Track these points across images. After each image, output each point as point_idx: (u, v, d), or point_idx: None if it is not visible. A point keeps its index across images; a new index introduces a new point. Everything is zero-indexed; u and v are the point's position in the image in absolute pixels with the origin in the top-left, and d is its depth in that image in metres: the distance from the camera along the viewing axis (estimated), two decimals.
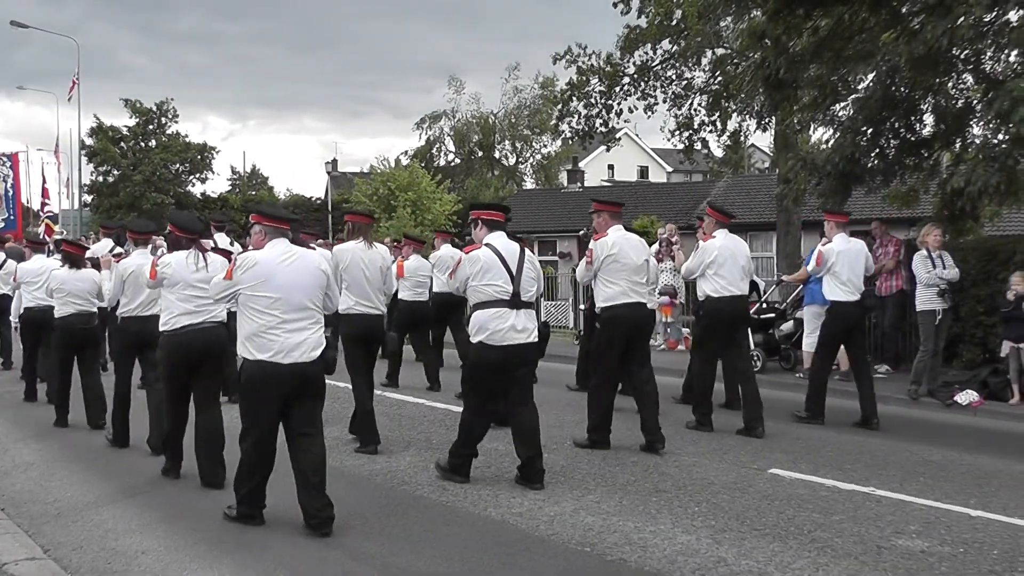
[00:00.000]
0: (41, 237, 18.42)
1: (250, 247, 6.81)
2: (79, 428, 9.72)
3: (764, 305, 14.26)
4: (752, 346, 13.30)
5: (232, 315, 6.91)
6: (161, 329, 7.48)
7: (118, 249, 11.49)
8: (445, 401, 11.13)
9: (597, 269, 8.68)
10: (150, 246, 9.25)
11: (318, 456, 6.35)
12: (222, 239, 13.62)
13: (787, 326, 13.87)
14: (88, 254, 10.48)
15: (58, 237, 17.64)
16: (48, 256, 12.07)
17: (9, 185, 27.56)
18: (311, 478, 6.24)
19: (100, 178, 45.35)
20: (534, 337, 7.39)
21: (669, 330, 16.83)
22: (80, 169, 43.64)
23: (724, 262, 9.54)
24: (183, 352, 7.38)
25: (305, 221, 36.75)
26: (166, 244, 8.85)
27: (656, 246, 17.11)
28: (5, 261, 14.37)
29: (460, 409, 7.89)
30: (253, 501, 6.40)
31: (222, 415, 7.73)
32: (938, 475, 7.80)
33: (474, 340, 7.31)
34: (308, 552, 5.77)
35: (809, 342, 12.81)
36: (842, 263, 10.04)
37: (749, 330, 11.18)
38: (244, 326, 6.19)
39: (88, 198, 45.37)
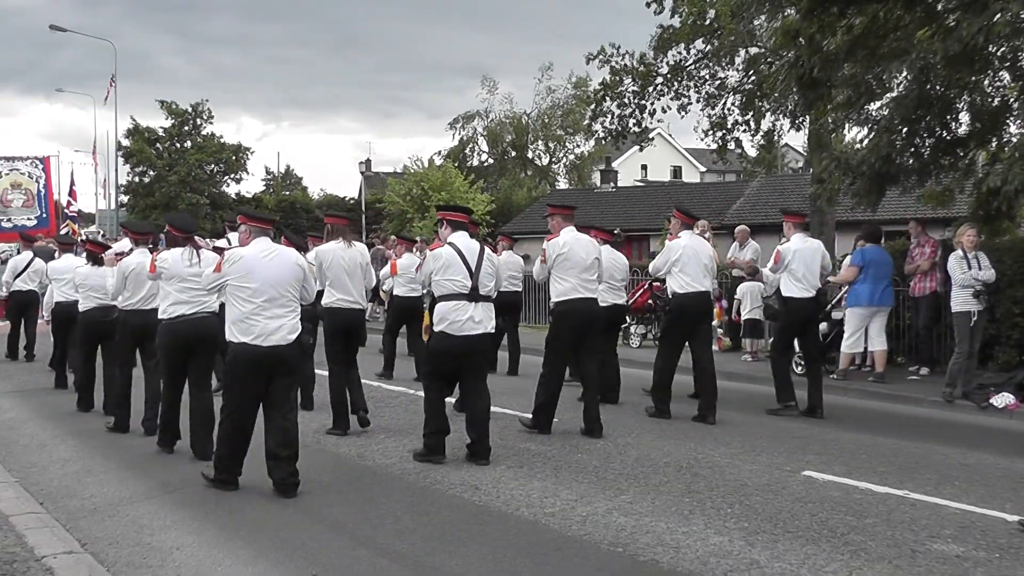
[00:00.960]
0: (71, 237, 18.93)
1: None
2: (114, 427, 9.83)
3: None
4: (796, 348, 13.18)
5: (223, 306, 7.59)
6: (160, 317, 8.33)
7: (118, 247, 11.77)
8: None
9: (550, 267, 9.44)
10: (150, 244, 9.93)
11: (290, 433, 7.19)
12: (235, 238, 13.62)
13: (824, 327, 13.73)
14: (109, 252, 10.93)
15: (83, 237, 18.57)
16: (76, 255, 12.51)
17: (42, 185, 29.54)
18: (281, 452, 7.09)
19: (136, 179, 45.72)
20: (491, 328, 8.19)
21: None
22: (117, 170, 44.28)
23: (688, 261, 10.22)
24: (179, 338, 8.22)
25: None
26: (165, 241, 9.39)
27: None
28: (33, 259, 15.18)
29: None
30: (229, 467, 7.21)
31: (213, 396, 8.40)
32: (973, 479, 7.72)
33: (435, 329, 8.11)
34: (340, 550, 5.80)
35: (849, 343, 12.75)
36: (798, 261, 10.55)
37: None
38: (230, 312, 7.10)
39: (124, 198, 45.82)
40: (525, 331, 14.76)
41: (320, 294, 9.02)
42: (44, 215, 29.31)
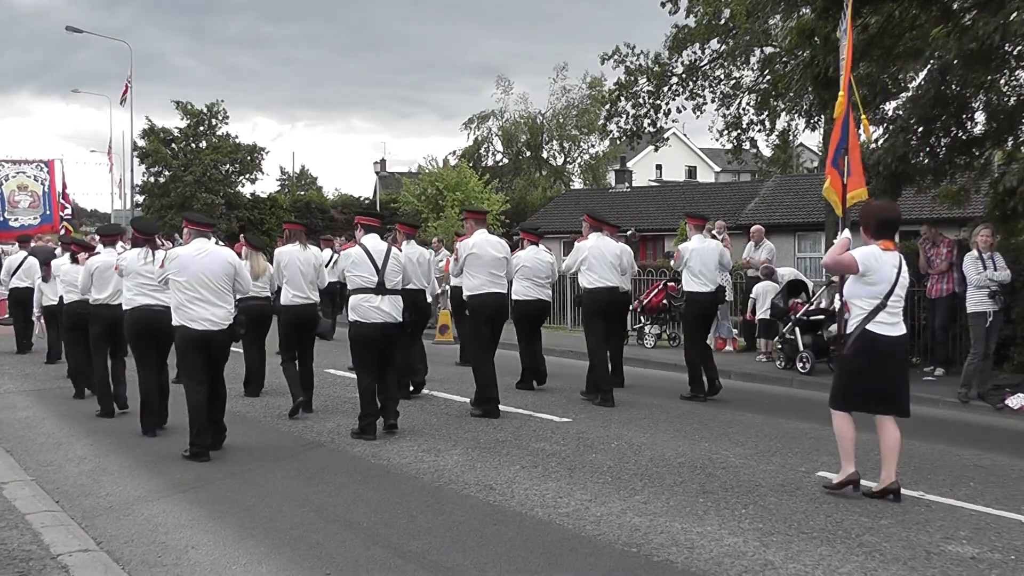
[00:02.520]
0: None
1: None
2: (128, 425, 9.87)
3: (812, 306, 14.09)
4: (801, 348, 13.28)
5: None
6: (124, 308, 9.51)
7: (106, 250, 11.85)
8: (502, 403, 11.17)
9: (462, 265, 10.81)
10: (119, 245, 11.01)
11: (220, 399, 8.70)
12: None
13: (833, 328, 13.72)
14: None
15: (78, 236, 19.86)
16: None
17: (46, 187, 31.37)
18: (214, 415, 8.53)
19: (152, 179, 45.74)
20: (397, 318, 9.33)
21: (718, 329, 16.65)
22: (132, 170, 44.29)
23: (595, 260, 11.33)
24: (140, 325, 9.37)
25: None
26: (130, 243, 10.49)
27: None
28: (26, 258, 16.41)
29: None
30: (200, 441, 8.29)
31: (168, 376, 9.80)
32: (988, 480, 7.70)
33: (349, 319, 9.39)
34: (355, 550, 5.82)
35: None
36: (696, 259, 11.59)
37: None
38: (172, 300, 8.44)
39: (140, 199, 45.88)
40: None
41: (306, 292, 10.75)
42: (48, 213, 31.05)
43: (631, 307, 14.97)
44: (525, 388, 12.30)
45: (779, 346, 14.37)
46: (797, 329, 13.82)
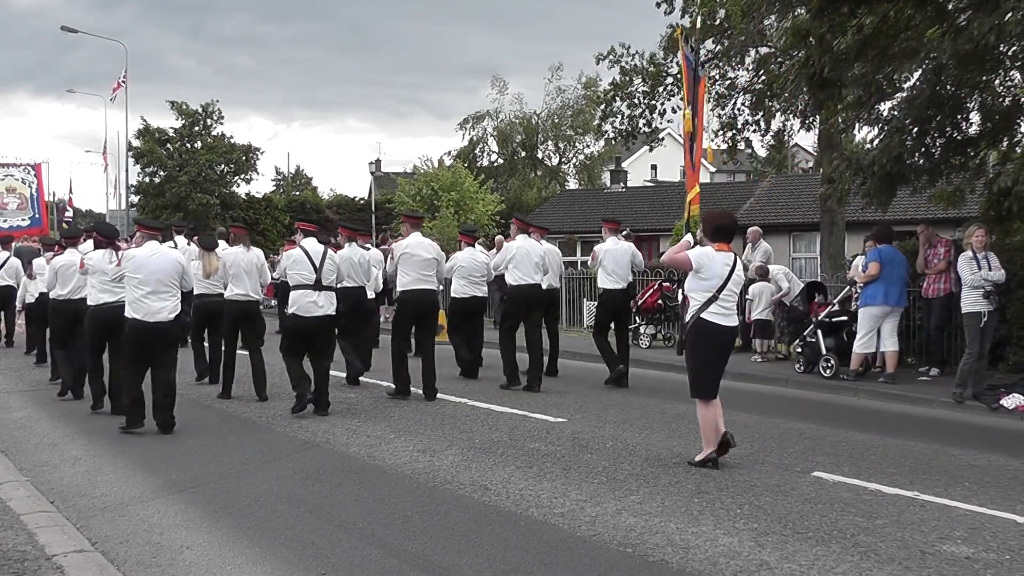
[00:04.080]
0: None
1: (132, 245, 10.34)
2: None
3: (836, 307, 13.87)
4: (824, 350, 13.17)
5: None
6: (88, 304, 10.41)
7: (69, 250, 12.50)
8: (487, 401, 11.18)
9: (396, 263, 11.73)
10: (81, 245, 12.19)
11: (171, 386, 9.58)
12: (181, 241, 16.22)
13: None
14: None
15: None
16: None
17: (34, 190, 32.85)
18: (163, 400, 9.54)
19: (147, 179, 45.67)
20: (331, 312, 10.60)
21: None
22: (127, 170, 44.29)
23: (521, 259, 12.44)
24: (102, 320, 10.23)
25: (343, 221, 37.20)
26: (93, 245, 11.31)
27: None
28: (9, 258, 17.33)
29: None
30: (135, 411, 9.48)
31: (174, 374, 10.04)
32: (983, 480, 7.70)
33: (288, 311, 10.73)
34: (350, 550, 5.81)
35: (862, 343, 12.73)
36: (610, 259, 12.72)
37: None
38: (127, 296, 9.45)
39: (135, 199, 45.82)
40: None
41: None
42: (36, 216, 32.43)
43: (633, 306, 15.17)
44: (470, 377, 13.35)
45: (799, 350, 14.25)
46: (819, 332, 13.63)
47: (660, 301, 17.14)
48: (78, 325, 11.03)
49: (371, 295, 14.00)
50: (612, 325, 12.96)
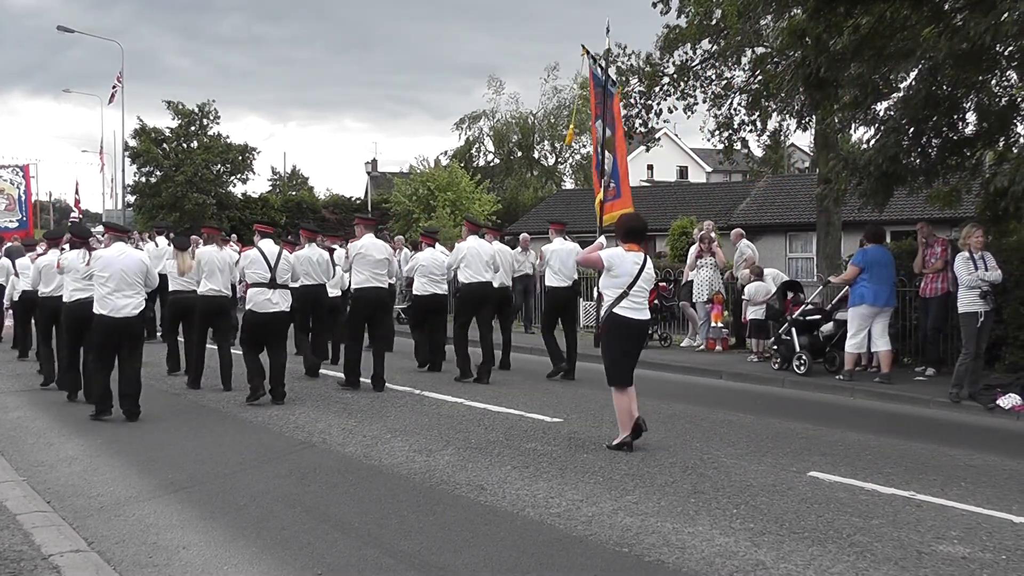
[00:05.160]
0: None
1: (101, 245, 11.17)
2: (120, 426, 9.89)
3: (809, 306, 14.06)
4: (798, 348, 13.28)
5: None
6: (64, 301, 11.10)
7: (51, 251, 13.49)
8: (484, 400, 11.18)
9: (351, 262, 12.55)
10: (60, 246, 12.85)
11: (134, 376, 10.26)
12: (162, 241, 17.43)
13: (828, 327, 13.73)
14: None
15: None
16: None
17: (22, 191, 33.94)
18: (128, 390, 10.19)
19: (143, 179, 45.56)
20: (286, 308, 11.51)
21: (711, 330, 16.68)
22: (123, 170, 44.26)
23: (471, 259, 13.27)
24: (76, 315, 10.86)
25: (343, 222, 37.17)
26: (68, 245, 12.05)
27: (696, 246, 17.00)
28: None
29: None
30: (103, 400, 10.21)
31: (140, 366, 10.70)
32: (980, 480, 7.71)
33: (246, 308, 11.45)
34: (346, 550, 5.81)
35: (853, 343, 12.75)
36: (555, 259, 13.55)
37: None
38: (96, 293, 10.14)
39: (131, 198, 45.76)
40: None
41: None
42: (23, 218, 33.54)
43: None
44: (431, 370, 14.10)
45: (774, 347, 14.35)
46: (793, 330, 13.80)
47: (657, 301, 17.13)
48: (61, 318, 11.69)
49: (335, 293, 14.72)
50: (560, 321, 13.80)
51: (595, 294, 13.11)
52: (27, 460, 8.28)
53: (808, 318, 13.90)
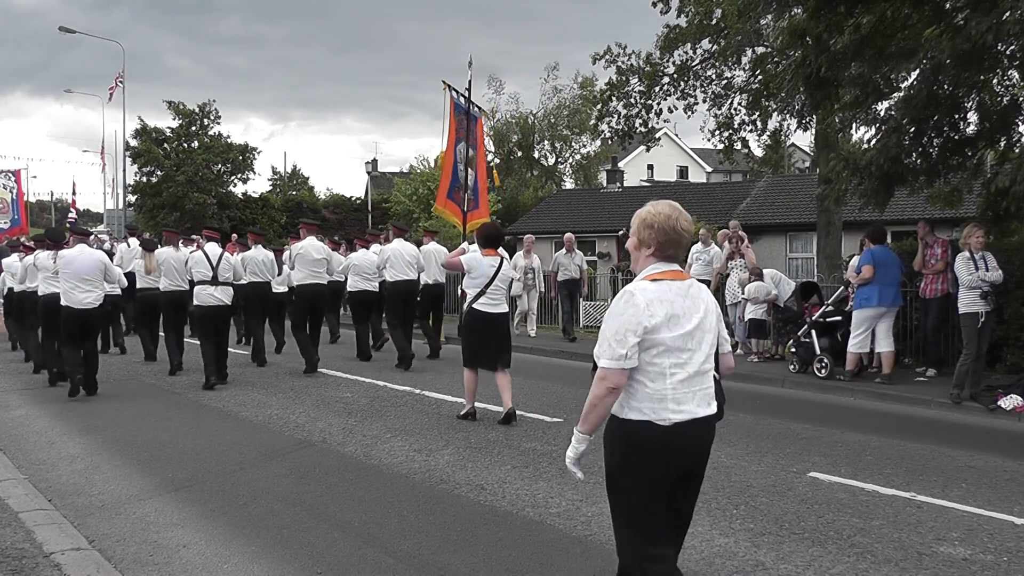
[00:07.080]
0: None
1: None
2: (120, 426, 9.89)
3: (831, 308, 13.84)
4: (818, 351, 13.18)
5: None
6: (39, 294, 13.04)
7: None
8: (484, 401, 11.15)
9: (293, 261, 14.52)
10: (85, 244, 13.45)
11: (93, 355, 12.01)
12: (134, 242, 18.80)
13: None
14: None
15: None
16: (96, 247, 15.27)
17: (15, 195, 36.17)
18: (88, 372, 11.77)
19: (144, 179, 45.60)
20: (227, 302, 13.01)
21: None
22: (124, 170, 44.29)
23: (395, 260, 14.99)
24: (47, 307, 12.55)
25: (343, 222, 37.15)
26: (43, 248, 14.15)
27: (726, 246, 16.53)
28: None
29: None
30: (72, 372, 11.68)
31: (97, 349, 12.49)
32: (981, 481, 7.71)
33: (194, 303, 12.96)
34: (346, 549, 5.80)
35: (855, 344, 12.73)
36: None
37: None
38: (61, 287, 11.73)
39: (132, 198, 45.78)
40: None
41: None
42: (17, 218, 35.79)
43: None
44: (363, 360, 15.63)
45: (792, 350, 14.23)
46: (813, 332, 13.65)
47: None
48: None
49: (281, 289, 16.52)
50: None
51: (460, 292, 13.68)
52: (29, 458, 8.29)
53: (828, 320, 13.71)
